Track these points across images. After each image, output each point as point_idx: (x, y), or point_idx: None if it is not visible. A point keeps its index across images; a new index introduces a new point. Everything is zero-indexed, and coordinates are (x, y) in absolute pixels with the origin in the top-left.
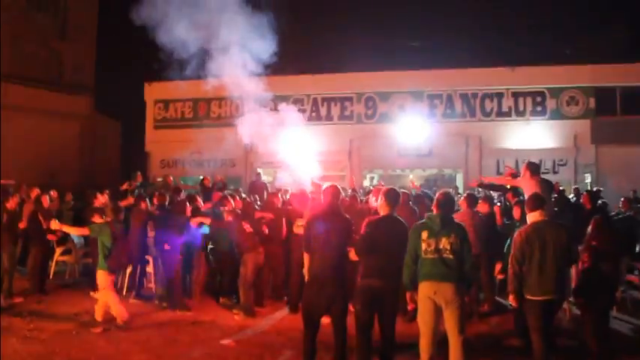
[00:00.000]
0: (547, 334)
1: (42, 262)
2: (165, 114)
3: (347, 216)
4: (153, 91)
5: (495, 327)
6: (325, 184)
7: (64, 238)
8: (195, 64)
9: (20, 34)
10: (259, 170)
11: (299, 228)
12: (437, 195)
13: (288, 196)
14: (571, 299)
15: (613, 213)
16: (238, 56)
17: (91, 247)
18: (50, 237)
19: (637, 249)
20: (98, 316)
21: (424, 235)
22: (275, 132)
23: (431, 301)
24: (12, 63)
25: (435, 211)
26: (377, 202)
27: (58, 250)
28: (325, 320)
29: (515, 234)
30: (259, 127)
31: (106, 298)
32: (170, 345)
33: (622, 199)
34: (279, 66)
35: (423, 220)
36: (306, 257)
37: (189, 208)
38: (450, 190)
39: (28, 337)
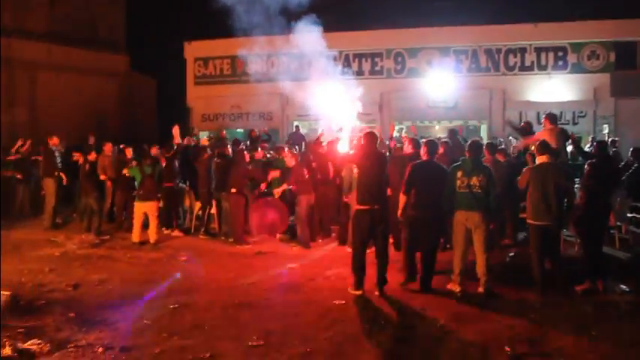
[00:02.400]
0: (542, 253)
1: (124, 204)
2: (205, 71)
3: (382, 152)
4: (192, 50)
5: (513, 257)
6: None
7: None
8: (232, 22)
9: None
10: (296, 123)
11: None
12: (469, 142)
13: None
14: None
15: (623, 162)
16: (272, 14)
17: None
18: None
19: None
20: (134, 238)
21: (459, 174)
22: (310, 86)
23: (463, 226)
24: (51, 23)
25: (467, 155)
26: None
27: None
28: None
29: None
30: (295, 81)
31: (134, 221)
32: (247, 268)
33: (631, 149)
34: (313, 23)
35: (458, 163)
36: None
37: (247, 156)
38: (478, 139)
39: (131, 264)
